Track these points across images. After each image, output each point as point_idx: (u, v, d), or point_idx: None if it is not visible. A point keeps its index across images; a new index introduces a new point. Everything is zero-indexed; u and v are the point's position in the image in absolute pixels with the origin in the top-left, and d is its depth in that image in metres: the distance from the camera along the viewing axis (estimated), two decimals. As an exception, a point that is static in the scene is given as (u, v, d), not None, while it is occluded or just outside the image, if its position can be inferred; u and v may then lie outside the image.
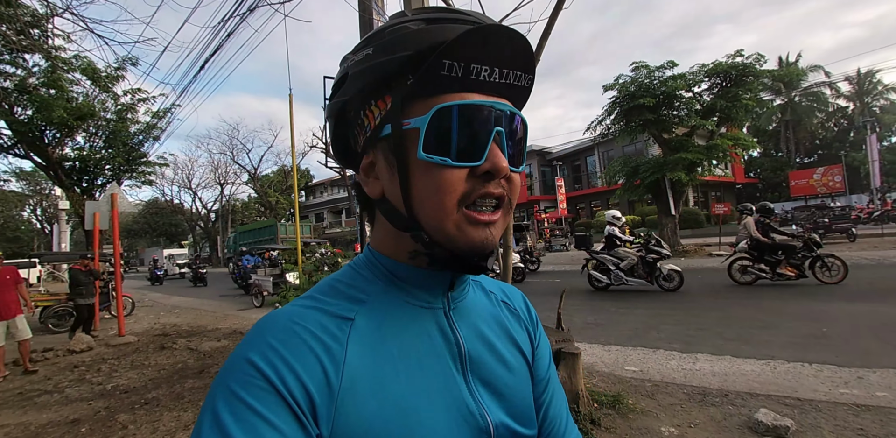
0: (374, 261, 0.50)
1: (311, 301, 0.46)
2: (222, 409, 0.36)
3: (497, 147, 0.43)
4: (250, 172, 37.43)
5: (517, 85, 0.45)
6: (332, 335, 0.42)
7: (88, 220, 7.61)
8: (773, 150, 35.93)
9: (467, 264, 0.45)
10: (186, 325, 8.25)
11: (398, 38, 0.43)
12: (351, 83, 0.46)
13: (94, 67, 10.60)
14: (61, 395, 4.35)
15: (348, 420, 0.39)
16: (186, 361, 5.38)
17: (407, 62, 0.42)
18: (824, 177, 27.02)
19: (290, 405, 0.37)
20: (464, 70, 0.41)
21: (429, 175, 0.42)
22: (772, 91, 31.19)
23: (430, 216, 0.43)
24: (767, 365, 3.69)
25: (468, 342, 0.49)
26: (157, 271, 22.17)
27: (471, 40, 0.40)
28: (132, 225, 43.60)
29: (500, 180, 0.43)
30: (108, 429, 3.34)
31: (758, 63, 13.02)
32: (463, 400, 0.45)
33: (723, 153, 13.63)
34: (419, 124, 0.42)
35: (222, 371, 0.40)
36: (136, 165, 12.92)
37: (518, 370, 0.53)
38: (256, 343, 0.40)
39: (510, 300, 0.60)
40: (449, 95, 0.42)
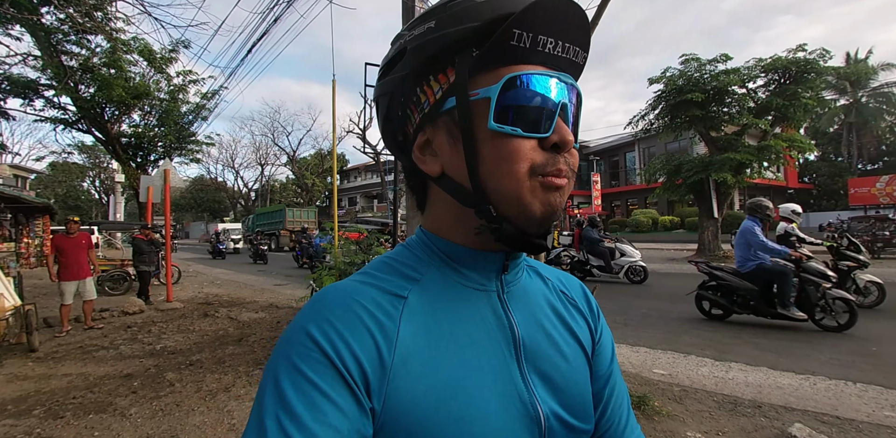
0: (428, 241, 0.50)
1: (366, 277, 0.46)
2: (284, 379, 0.37)
3: (563, 120, 0.43)
4: (289, 154, 38.58)
5: (575, 61, 0.45)
6: (386, 312, 0.42)
7: (143, 193, 8.10)
8: (833, 154, 33.53)
9: (528, 242, 0.44)
10: (227, 296, 8.72)
11: (463, 10, 0.42)
12: (410, 57, 0.45)
13: (151, 48, 11.17)
14: (116, 351, 4.74)
15: (399, 397, 0.39)
16: (227, 329, 5.71)
17: (474, 33, 0.42)
18: (888, 186, 25.00)
19: (346, 378, 0.38)
20: (531, 41, 0.41)
21: (499, 146, 0.42)
22: (836, 90, 29.00)
23: (503, 186, 0.42)
24: (806, 380, 3.56)
25: (522, 327, 0.48)
26: (220, 245, 21.15)
27: (540, 11, 0.40)
28: (179, 200, 46.02)
29: (566, 156, 0.43)
30: (157, 385, 3.63)
31: (822, 59, 12.15)
32: (514, 387, 0.45)
33: (775, 155, 12.90)
34: (489, 94, 0.41)
35: (282, 341, 0.41)
36: (186, 143, 13.61)
37: (575, 361, 0.51)
38: (314, 317, 0.41)
39: (568, 290, 0.58)
40: (517, 66, 0.42)
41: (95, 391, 3.55)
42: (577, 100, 0.46)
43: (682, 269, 11.48)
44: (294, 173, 39.47)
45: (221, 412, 3.09)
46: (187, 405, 3.22)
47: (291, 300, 7.72)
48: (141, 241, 8.01)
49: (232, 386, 3.55)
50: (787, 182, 27.06)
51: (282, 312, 6.82)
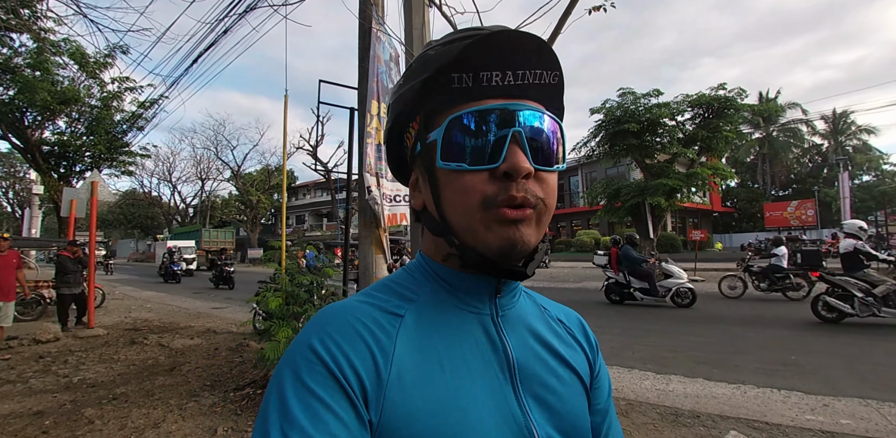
0: (425, 265, 0.52)
1: (366, 297, 0.49)
2: (287, 390, 0.39)
3: (518, 148, 0.43)
4: (233, 169, 36.79)
5: (540, 83, 0.46)
6: (383, 329, 0.44)
7: (65, 207, 7.41)
8: (750, 181, 37.30)
9: (502, 268, 0.45)
10: (158, 321, 8.02)
11: (419, 65, 0.48)
12: (391, 111, 0.52)
13: (84, 52, 10.44)
14: (25, 385, 4.19)
15: (394, 412, 0.40)
16: (157, 357, 5.23)
17: (425, 84, 0.46)
18: (797, 210, 28.18)
19: (347, 390, 0.39)
20: (473, 79, 0.44)
21: (451, 182, 0.45)
22: (751, 125, 32.54)
23: (459, 220, 0.45)
24: (738, 389, 3.82)
25: (517, 351, 0.49)
26: (175, 266, 17.80)
27: (474, 51, 0.43)
28: (107, 215, 42.21)
29: (522, 184, 0.43)
30: (74, 423, 3.23)
31: (739, 97, 13.61)
32: (509, 409, 0.45)
33: (702, 182, 14.10)
34: (436, 136, 0.45)
35: (286, 355, 0.43)
36: (118, 154, 12.63)
37: (571, 388, 0.51)
38: (317, 332, 0.43)
39: (565, 321, 0.59)
40: (464, 105, 0.45)
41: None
42: (548, 122, 0.46)
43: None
44: (238, 189, 37.63)
45: (150, 449, 2.80)
46: (109, 443, 2.89)
47: (231, 324, 7.25)
48: (66, 259, 7.10)
49: (162, 422, 3.23)
50: (712, 206, 29.58)
51: (220, 337, 6.36)
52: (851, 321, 6.30)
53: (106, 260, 24.29)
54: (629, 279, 8.70)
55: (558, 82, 0.48)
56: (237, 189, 37.91)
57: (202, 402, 3.61)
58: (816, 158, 36.47)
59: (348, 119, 4.54)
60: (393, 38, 4.11)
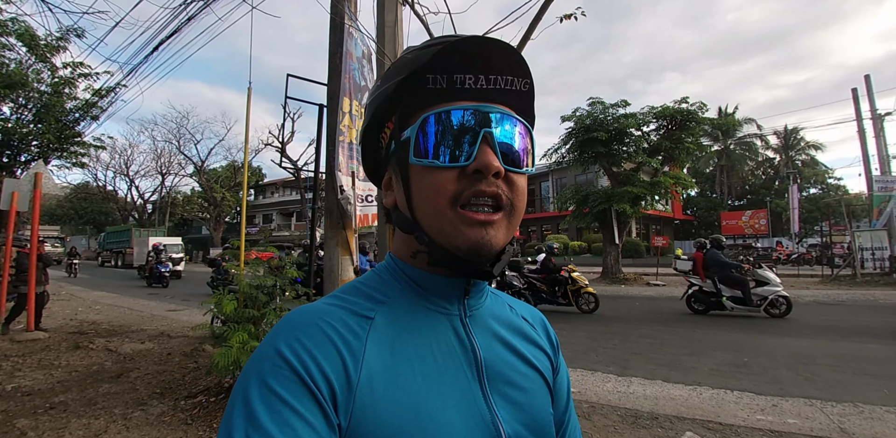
0: (394, 266, 0.53)
1: (335, 300, 0.48)
2: (253, 396, 0.38)
3: (488, 147, 0.45)
4: (197, 164, 35.37)
5: (511, 89, 0.48)
6: (353, 332, 0.44)
7: (5, 200, 6.85)
8: (709, 191, 39.12)
9: (470, 268, 0.46)
10: (107, 323, 7.55)
11: (396, 67, 0.49)
12: (367, 112, 0.53)
13: (33, 33, 9.75)
14: (-53, 395, 3.82)
15: (364, 415, 0.40)
16: (104, 363, 4.90)
17: (401, 85, 0.48)
18: (751, 219, 29.73)
19: (316, 394, 0.39)
20: (447, 81, 0.46)
21: (423, 178, 0.46)
22: (711, 137, 34.17)
23: (428, 217, 0.46)
24: (694, 391, 3.94)
25: (485, 350, 0.50)
26: (162, 267, 14.99)
27: (450, 54, 0.45)
28: (56, 209, 39.59)
29: (492, 180, 0.44)
30: (4, 436, 2.97)
31: (700, 111, 14.25)
32: (477, 408, 0.46)
33: (665, 190, 14.65)
34: (410, 133, 0.47)
35: (253, 360, 0.41)
36: (69, 144, 11.84)
37: (536, 385, 0.53)
38: (284, 335, 0.42)
39: (530, 319, 0.61)
40: (437, 105, 0.47)
41: None
42: (518, 126, 0.48)
43: (589, 291, 12.33)
44: (201, 185, 36.16)
45: (88, 462, 2.59)
46: (42, 456, 2.66)
47: (187, 327, 6.90)
48: (25, 256, 6.60)
49: (103, 433, 3.00)
50: (673, 214, 30.79)
51: (174, 342, 6.04)
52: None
53: (69, 259, 20.13)
54: (719, 286, 7.74)
55: (529, 90, 0.50)
56: (200, 186, 36.48)
57: (150, 411, 3.40)
58: (769, 170, 38.69)
59: (317, 116, 4.43)
60: (365, 36, 4.04)
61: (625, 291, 12.23)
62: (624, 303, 9.86)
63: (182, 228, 42.23)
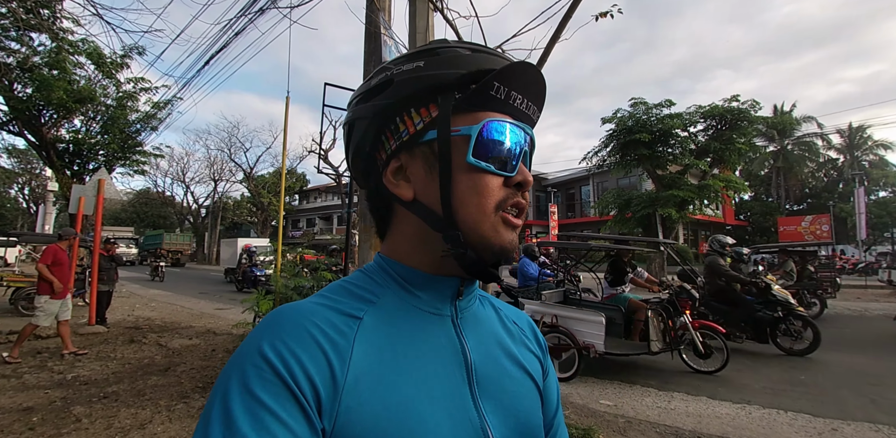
0: (385, 266, 0.52)
1: (321, 299, 0.47)
2: (233, 399, 0.37)
3: (524, 165, 0.49)
4: (246, 171, 37.17)
5: (532, 116, 0.52)
6: (340, 332, 0.43)
7: (73, 204, 7.46)
8: (764, 195, 36.67)
9: (484, 270, 0.47)
10: (160, 320, 8.04)
11: (453, 57, 0.48)
12: (397, 89, 0.48)
13: (100, 52, 10.61)
14: (19, 380, 4.19)
15: (350, 417, 0.39)
16: (154, 357, 5.21)
17: (459, 79, 0.47)
18: (812, 225, 27.55)
19: (298, 398, 0.38)
20: (506, 94, 0.48)
21: (473, 179, 0.46)
22: (765, 137, 32.06)
23: (470, 217, 0.46)
24: (743, 410, 3.67)
25: (475, 353, 0.50)
26: (256, 270, 13.65)
27: (516, 70, 0.47)
28: (120, 213, 42.87)
29: (525, 194, 0.49)
30: (61, 421, 3.20)
31: (753, 109, 13.44)
32: (466, 412, 0.45)
33: (714, 194, 13.90)
34: (471, 132, 0.46)
35: (233, 360, 0.40)
36: (131, 153, 12.82)
37: (526, 389, 0.52)
38: (267, 335, 0.41)
39: (518, 322, 0.61)
40: (492, 112, 0.48)
41: (-17, 427, 3.08)
42: (533, 149, 0.53)
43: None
44: (250, 191, 37.98)
45: (132, 451, 2.75)
46: (92, 443, 2.85)
47: (231, 325, 7.22)
48: (101, 257, 7.15)
49: (148, 423, 3.18)
50: (724, 219, 29.11)
51: (219, 339, 6.34)
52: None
53: (155, 261, 18.11)
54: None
55: (537, 121, 0.53)
56: (249, 191, 38.29)
57: (191, 404, 3.56)
58: (832, 172, 35.78)
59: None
60: (398, 43, 4.11)
61: (669, 299, 11.65)
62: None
63: (232, 231, 44.47)
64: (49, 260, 5.22)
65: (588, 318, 4.63)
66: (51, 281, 5.14)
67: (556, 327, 4.75)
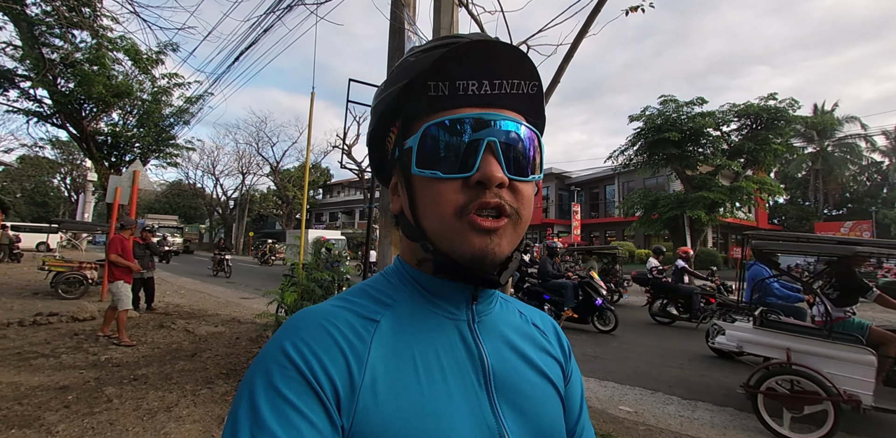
0: (402, 270, 0.53)
1: (342, 301, 0.48)
2: (259, 395, 0.38)
3: (492, 157, 0.44)
4: (272, 164, 38.05)
5: (517, 93, 0.47)
6: (358, 334, 0.44)
7: (110, 193, 7.81)
8: (801, 198, 35.15)
9: (475, 276, 0.46)
10: (188, 307, 8.32)
11: (399, 71, 0.48)
12: (373, 115, 0.52)
13: (137, 48, 11.02)
14: (56, 360, 4.40)
15: (366, 418, 0.40)
16: (181, 342, 5.40)
17: (403, 90, 0.46)
18: (852, 231, 26.15)
19: (320, 395, 0.39)
20: (450, 88, 0.45)
21: (426, 189, 0.45)
22: (804, 138, 30.67)
23: (433, 226, 0.45)
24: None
25: (493, 357, 0.49)
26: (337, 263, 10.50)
27: (451, 59, 0.43)
28: (154, 204, 44.56)
29: (496, 190, 0.44)
30: (94, 400, 3.35)
31: (791, 108, 12.88)
32: (483, 417, 0.45)
33: (747, 196, 13.41)
34: (412, 143, 0.46)
35: (258, 360, 0.42)
36: (165, 146, 13.29)
37: (547, 395, 0.52)
38: (290, 335, 0.42)
39: (541, 325, 0.60)
40: (440, 112, 0.45)
41: (24, 403, 3.25)
42: (524, 133, 0.46)
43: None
44: (276, 184, 38.88)
45: (158, 434, 2.84)
46: (122, 424, 2.96)
47: (255, 314, 7.40)
48: (135, 244, 7.15)
49: (175, 406, 3.30)
50: (757, 223, 28.03)
51: (243, 327, 6.51)
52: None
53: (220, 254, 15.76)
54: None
55: (537, 92, 0.48)
56: (275, 184, 39.18)
57: (216, 390, 3.67)
58: (875, 176, 33.95)
59: (377, 118, 4.56)
60: (422, 39, 4.09)
61: (695, 304, 11.30)
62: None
63: (258, 223, 45.65)
64: (119, 249, 5.56)
65: (848, 356, 3.26)
66: (127, 266, 5.53)
67: (791, 366, 3.41)
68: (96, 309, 6.92)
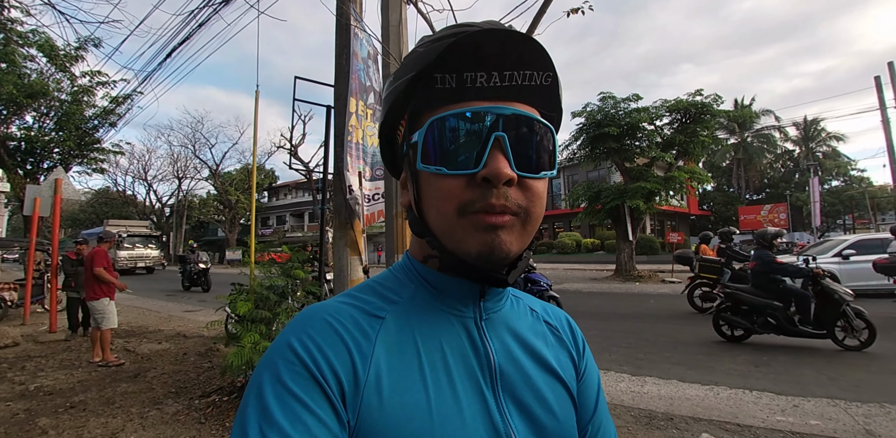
0: (410, 266, 0.52)
1: (348, 298, 0.48)
2: (267, 391, 0.38)
3: (500, 153, 0.42)
4: (212, 168, 36.00)
5: (529, 85, 0.44)
6: (363, 331, 0.44)
7: (28, 205, 7.08)
8: (726, 185, 38.28)
9: (482, 274, 0.45)
10: (127, 324, 7.71)
11: (407, 63, 0.46)
12: (383, 107, 0.51)
13: (53, 44, 10.04)
14: (-27, 395, 3.95)
15: (370, 414, 0.40)
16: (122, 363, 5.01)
17: (410, 82, 0.45)
18: (770, 214, 29.03)
19: (326, 390, 0.39)
20: (457, 80, 0.43)
21: (431, 184, 0.44)
22: (727, 130, 33.41)
23: (437, 223, 0.45)
24: (711, 391, 3.85)
25: (499, 355, 0.48)
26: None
27: (457, 50, 0.42)
28: (78, 214, 40.70)
29: (504, 190, 0.42)
30: (26, 434, 3.06)
31: (715, 103, 13.93)
32: (489, 416, 0.44)
33: (679, 185, 14.37)
34: (418, 137, 0.45)
35: (266, 356, 0.42)
36: (88, 151, 12.22)
37: (556, 394, 0.50)
38: (296, 332, 0.42)
39: (553, 322, 0.58)
40: (447, 106, 0.44)
41: (-64, 445, 2.91)
42: (535, 126, 0.44)
43: (604, 288, 12.21)
44: (216, 189, 36.79)
45: (105, 461, 2.65)
46: (61, 455, 2.73)
47: (202, 327, 7.01)
48: (67, 259, 6.48)
49: (120, 431, 3.07)
50: (689, 209, 30.23)
51: (190, 342, 6.15)
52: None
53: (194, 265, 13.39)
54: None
55: (552, 83, 0.46)
56: (216, 189, 37.09)
57: (165, 410, 3.46)
58: (788, 163, 37.71)
59: (325, 117, 4.46)
60: (371, 36, 4.04)
61: (639, 288, 12.05)
62: (638, 301, 9.72)
63: (198, 230, 43.02)
64: (104, 263, 5.23)
65: None
66: (109, 282, 5.24)
67: None
68: (19, 334, 6.27)
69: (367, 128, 4.26)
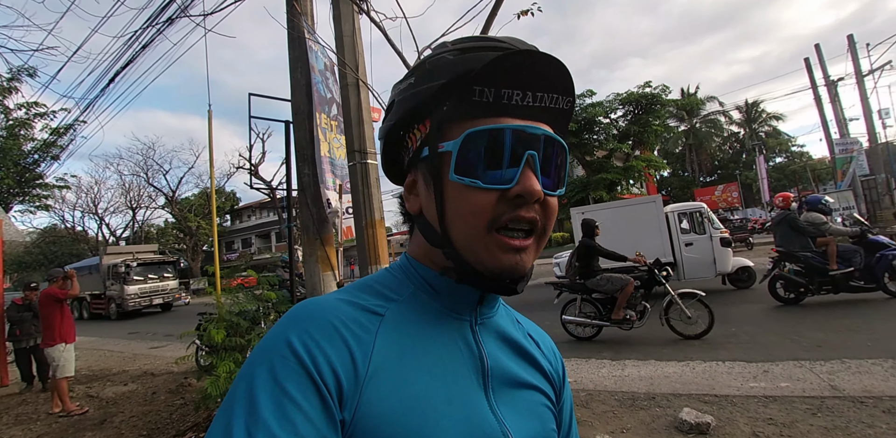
0: (409, 267, 0.52)
1: (345, 295, 0.47)
2: (257, 386, 0.37)
3: (530, 170, 0.43)
4: (167, 195, 34.52)
5: (554, 108, 0.46)
6: (363, 327, 0.43)
7: (-37, 251, 6.53)
8: (681, 170, 40.03)
9: (498, 286, 0.46)
10: (87, 369, 7.23)
11: (436, 68, 0.47)
12: (396, 109, 0.50)
13: (-19, 77, 9.43)
14: (-87, 464, 3.59)
15: (369, 409, 0.39)
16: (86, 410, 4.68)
17: (442, 89, 0.45)
18: (724, 193, 30.52)
19: (321, 389, 0.38)
20: (495, 95, 0.43)
21: (461, 197, 0.44)
22: (677, 118, 35.00)
23: (462, 237, 0.45)
24: (687, 366, 3.97)
25: (492, 359, 0.50)
26: None
27: (501, 66, 0.42)
28: (24, 257, 37.90)
29: (532, 204, 0.44)
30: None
31: (664, 93, 14.62)
32: (484, 415, 0.45)
33: (638, 173, 14.95)
34: (452, 148, 0.44)
35: (259, 352, 0.41)
36: (30, 187, 11.51)
37: (540, 399, 0.53)
38: (295, 328, 0.41)
39: (535, 337, 0.60)
40: (481, 119, 0.44)
41: None
42: (558, 148, 0.46)
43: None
44: (174, 216, 35.27)
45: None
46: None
47: (171, 363, 6.66)
48: (13, 306, 5.94)
49: (87, 480, 2.86)
50: (649, 195, 31.39)
51: (159, 380, 5.81)
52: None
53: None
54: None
55: (569, 108, 0.48)
56: (173, 216, 35.56)
57: (136, 453, 3.25)
58: (735, 145, 39.84)
59: (284, 133, 4.35)
60: (325, 47, 3.99)
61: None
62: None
63: (161, 261, 41.03)
64: (62, 295, 4.91)
65: None
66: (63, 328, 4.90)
67: None
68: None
69: (334, 140, 4.19)
